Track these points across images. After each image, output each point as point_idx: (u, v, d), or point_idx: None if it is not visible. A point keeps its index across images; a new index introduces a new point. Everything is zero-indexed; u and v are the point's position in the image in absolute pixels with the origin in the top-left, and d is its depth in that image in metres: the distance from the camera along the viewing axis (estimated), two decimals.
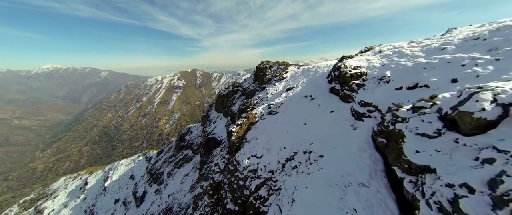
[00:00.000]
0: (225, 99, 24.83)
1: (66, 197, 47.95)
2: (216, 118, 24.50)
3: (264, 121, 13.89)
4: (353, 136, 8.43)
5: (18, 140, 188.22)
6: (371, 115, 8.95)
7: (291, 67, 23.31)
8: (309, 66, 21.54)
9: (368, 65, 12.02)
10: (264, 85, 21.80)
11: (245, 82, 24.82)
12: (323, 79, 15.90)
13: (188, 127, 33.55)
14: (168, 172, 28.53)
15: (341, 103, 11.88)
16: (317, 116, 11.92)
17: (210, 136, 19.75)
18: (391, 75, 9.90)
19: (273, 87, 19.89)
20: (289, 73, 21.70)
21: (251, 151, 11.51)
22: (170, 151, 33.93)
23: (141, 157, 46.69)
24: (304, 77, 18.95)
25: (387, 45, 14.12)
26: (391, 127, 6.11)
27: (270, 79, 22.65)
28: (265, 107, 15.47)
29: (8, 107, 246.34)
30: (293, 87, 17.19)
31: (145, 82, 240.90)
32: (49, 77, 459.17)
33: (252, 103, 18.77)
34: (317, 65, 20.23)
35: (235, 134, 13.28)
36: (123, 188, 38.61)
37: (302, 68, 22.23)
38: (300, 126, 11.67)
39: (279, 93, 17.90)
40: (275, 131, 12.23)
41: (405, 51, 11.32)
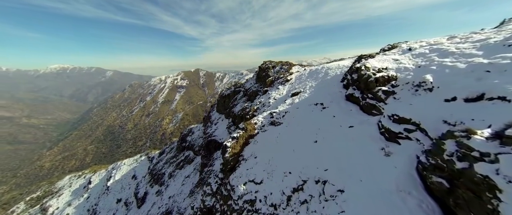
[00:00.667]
0: (226, 100, 24.38)
1: (70, 196, 48.52)
2: (218, 119, 24.10)
3: (265, 134, 11.83)
4: (386, 166, 6.24)
5: (27, 138, 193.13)
6: (411, 135, 6.55)
7: (295, 68, 22.16)
8: (316, 67, 19.48)
9: (397, 66, 9.73)
10: (266, 88, 20.26)
11: (247, 82, 24.28)
12: (336, 83, 13.56)
13: (190, 128, 33.30)
14: (169, 173, 28.30)
15: (363, 116, 9.53)
16: (331, 131, 9.52)
17: (210, 138, 19.34)
18: (435, 81, 7.49)
19: (276, 91, 18.24)
20: (294, 75, 20.02)
21: (248, 174, 9.56)
22: (172, 151, 33.76)
23: (143, 157, 46.80)
24: (312, 80, 16.84)
25: (418, 42, 11.73)
26: (459, 164, 4.09)
27: (273, 81, 21.02)
28: (266, 115, 13.50)
29: (17, 106, 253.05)
30: (300, 92, 15.24)
31: (149, 82, 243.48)
32: (57, 76, 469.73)
33: (252, 109, 17.23)
34: (327, 66, 18.07)
35: (230, 151, 11.14)
36: (125, 188, 38.69)
37: (309, 69, 20.20)
38: (309, 143, 9.38)
39: (283, 99, 16.00)
40: (278, 148, 10.17)
41: (448, 49, 8.87)
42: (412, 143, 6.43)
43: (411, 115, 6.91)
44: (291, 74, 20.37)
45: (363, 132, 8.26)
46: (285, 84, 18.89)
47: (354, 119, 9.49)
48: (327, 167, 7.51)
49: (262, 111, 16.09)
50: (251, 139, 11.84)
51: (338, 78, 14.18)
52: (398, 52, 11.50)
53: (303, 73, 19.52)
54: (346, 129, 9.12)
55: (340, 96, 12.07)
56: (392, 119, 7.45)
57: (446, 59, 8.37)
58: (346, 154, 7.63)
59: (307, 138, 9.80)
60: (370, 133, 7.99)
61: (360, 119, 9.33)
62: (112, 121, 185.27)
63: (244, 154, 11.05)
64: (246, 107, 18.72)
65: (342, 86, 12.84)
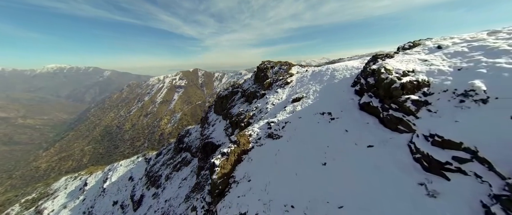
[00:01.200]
0: (224, 100, 23.93)
1: (66, 198, 47.71)
2: (215, 121, 23.65)
3: (261, 149, 9.95)
4: (431, 213, 4.44)
5: (22, 139, 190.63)
6: (465, 168, 4.71)
7: (294, 68, 21.35)
8: (320, 68, 17.72)
9: (428, 69, 7.84)
10: (264, 92, 18.70)
11: (245, 83, 23.80)
12: (346, 88, 11.74)
13: (187, 129, 32.79)
14: (166, 175, 27.79)
15: (384, 132, 7.48)
16: (344, 150, 7.66)
17: (207, 140, 18.89)
18: (489, 89, 5.64)
19: (274, 94, 16.66)
20: (295, 77, 18.47)
21: (239, 205, 7.59)
22: (169, 153, 33.23)
23: (140, 158, 46.17)
24: (315, 83, 15.04)
25: (447, 39, 9.95)
26: None
27: (271, 84, 19.49)
28: (263, 126, 11.71)
29: (13, 106, 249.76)
30: (302, 97, 13.51)
31: (147, 82, 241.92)
32: (54, 76, 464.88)
33: (247, 115, 15.60)
34: (333, 67, 16.26)
35: (219, 171, 9.13)
36: (121, 189, 38.07)
37: (311, 71, 18.43)
38: (316, 165, 7.54)
39: (282, 105, 14.23)
40: (278, 169, 8.22)
41: (497, 46, 7.07)
42: (469, 180, 4.40)
43: (460, 137, 4.89)
44: (291, 76, 19.08)
45: (388, 155, 6.36)
46: (285, 87, 17.42)
47: (374, 136, 7.43)
48: (341, 202, 5.66)
49: (258, 118, 14.51)
50: (244, 155, 10.07)
51: (348, 82, 12.26)
52: (424, 51, 9.70)
53: (305, 75, 18.03)
54: (364, 149, 7.15)
55: (352, 104, 10.05)
56: (430, 140, 5.49)
57: (499, 59, 6.42)
58: (367, 186, 5.74)
59: (313, 158, 7.90)
60: (399, 157, 6.05)
61: (382, 136, 7.27)
62: (110, 121, 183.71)
63: (236, 175, 9.17)
64: (241, 113, 17.29)
65: (354, 92, 10.91)
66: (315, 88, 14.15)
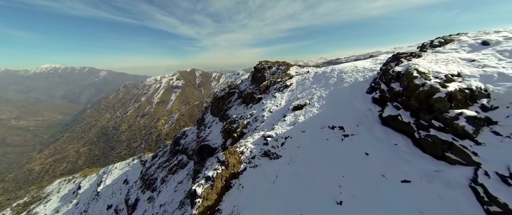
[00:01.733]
0: (221, 102, 23.37)
1: (59, 202, 46.52)
2: (211, 123, 23.09)
3: (255, 172, 7.94)
4: None
5: (16, 141, 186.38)
6: None
7: (293, 68, 20.55)
8: (324, 69, 15.86)
9: (482, 72, 5.93)
10: (260, 96, 17.00)
11: (242, 83, 23.25)
12: (360, 95, 9.78)
13: (184, 131, 32.11)
14: (161, 178, 27.08)
15: (425, 160, 5.39)
16: (367, 184, 5.58)
17: (203, 143, 18.31)
18: None
19: (272, 99, 14.95)
20: (295, 80, 16.78)
21: None
22: (165, 155, 32.50)
23: (136, 160, 45.27)
24: (320, 87, 13.17)
25: (491, 33, 8.16)
26: None
27: (268, 87, 17.69)
28: (258, 140, 9.80)
29: (5, 107, 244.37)
30: (305, 105, 11.66)
31: (144, 82, 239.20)
32: (47, 77, 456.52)
33: (241, 124, 13.75)
34: (339, 68, 14.44)
35: (201, 202, 7.01)
36: (116, 193, 37.16)
37: (314, 72, 16.66)
38: (329, 204, 5.47)
39: (281, 113, 12.34)
40: (276, 205, 6.18)
41: None
42: None
43: None
44: (290, 78, 17.50)
45: (437, 200, 4.26)
46: (284, 91, 15.59)
47: (409, 166, 5.31)
48: None
49: (253, 128, 12.53)
50: (234, 179, 7.98)
51: (362, 87, 10.15)
52: (463, 48, 7.84)
53: (307, 77, 16.24)
54: (397, 185, 5.00)
55: (371, 117, 7.93)
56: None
57: None
58: None
59: (323, 192, 5.82)
60: (456, 204, 3.98)
61: (422, 167, 5.15)
62: (106, 122, 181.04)
63: (223, 208, 6.97)
64: (234, 120, 15.41)
65: (372, 101, 8.81)
66: (320, 94, 12.17)
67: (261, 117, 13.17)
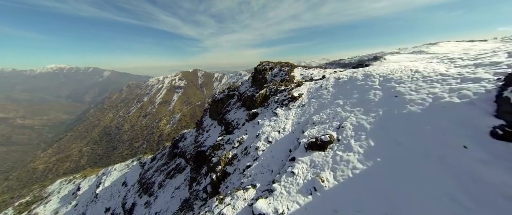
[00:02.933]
0: (220, 104, 22.46)
1: (58, 203, 46.26)
2: (210, 126, 22.21)
3: None
4: None
5: (21, 140, 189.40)
6: None
7: (297, 70, 18.24)
8: (351, 74, 11.29)
9: None
10: (255, 110, 13.21)
11: (242, 85, 22.23)
12: (465, 134, 4.43)
13: (183, 133, 31.33)
14: (159, 183, 26.31)
15: None
16: None
17: (200, 149, 17.43)
18: None
19: (271, 119, 11.10)
20: (305, 88, 12.92)
21: None
22: (163, 158, 31.76)
23: (135, 162, 44.73)
24: (350, 104, 8.62)
25: None
26: None
27: (267, 97, 14.00)
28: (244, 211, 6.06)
29: (11, 106, 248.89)
30: (330, 141, 6.79)
31: (147, 82, 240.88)
32: (53, 77, 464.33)
33: (224, 158, 10.29)
34: (380, 73, 9.51)
35: None
36: (115, 195, 36.60)
37: (334, 79, 12.13)
38: None
39: (285, 150, 8.40)
40: None
41: None
42: None
43: None
44: (298, 86, 13.61)
45: None
46: (290, 105, 11.64)
47: None
48: None
49: (240, 170, 9.01)
50: None
51: (465, 117, 4.81)
52: None
53: (323, 85, 11.97)
54: None
55: None
56: None
57: None
58: None
59: None
60: None
61: None
62: (109, 122, 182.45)
63: None
64: (217, 146, 11.80)
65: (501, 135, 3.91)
66: (355, 119, 7.24)
67: (254, 150, 9.24)
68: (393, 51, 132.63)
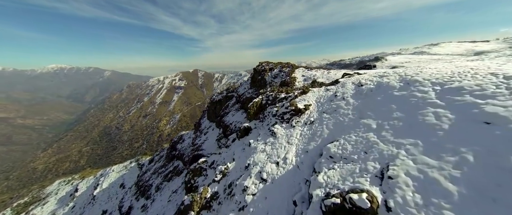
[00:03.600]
0: (218, 106, 21.91)
1: (56, 204, 45.81)
2: (208, 128, 21.67)
3: None
4: None
5: (21, 139, 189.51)
6: None
7: (299, 71, 17.35)
8: (379, 79, 8.46)
9: None
10: (247, 125, 10.82)
11: (240, 86, 21.66)
12: None
13: (181, 135, 30.82)
14: (156, 186, 25.78)
15: None
16: None
17: (197, 153, 16.89)
18: None
19: (267, 141, 8.57)
20: (312, 97, 10.38)
21: None
22: (161, 160, 31.24)
23: (133, 163, 44.28)
24: (388, 126, 5.55)
25: None
26: None
27: (263, 107, 11.68)
28: None
29: (12, 106, 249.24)
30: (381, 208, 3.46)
31: (147, 82, 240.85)
32: (54, 76, 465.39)
33: (198, 199, 7.51)
34: (428, 76, 6.68)
35: None
36: (112, 197, 36.11)
37: (354, 85, 9.23)
38: None
39: (287, 198, 5.60)
40: None
41: None
42: None
43: None
44: (303, 93, 11.01)
45: None
46: (293, 122, 8.85)
47: None
48: None
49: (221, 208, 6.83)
50: None
51: None
52: None
53: (340, 94, 9.15)
54: None
55: None
56: None
57: None
58: None
59: None
60: None
61: None
62: (109, 122, 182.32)
63: None
64: (199, 170, 9.88)
65: None
66: (414, 163, 4.04)
67: (241, 191, 6.65)
68: (394, 52, 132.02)
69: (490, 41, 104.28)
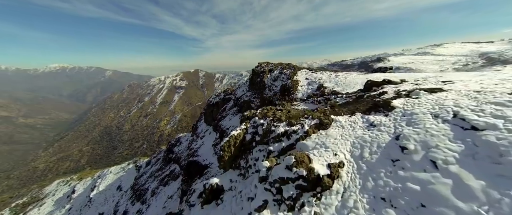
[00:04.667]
0: (215, 109, 21.03)
1: (53, 206, 45.32)
2: (205, 132, 20.85)
3: None
4: None
5: (23, 138, 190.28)
6: None
7: (302, 74, 15.66)
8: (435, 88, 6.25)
9: None
10: (216, 181, 6.41)
11: (239, 88, 20.70)
12: None
13: (178, 137, 30.04)
14: (152, 190, 25.03)
15: None
16: None
17: (192, 159, 16.03)
18: None
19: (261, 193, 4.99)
20: (344, 144, 5.34)
21: None
22: (158, 163, 30.50)
23: (131, 165, 43.63)
24: None
25: None
26: None
27: (248, 147, 7.14)
28: None
29: (14, 105, 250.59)
30: None
31: (148, 82, 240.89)
32: (56, 76, 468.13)
33: None
34: None
35: None
36: (109, 200, 35.46)
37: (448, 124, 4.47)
38: None
39: None
40: None
41: None
42: None
43: None
44: (321, 126, 6.29)
45: None
46: (303, 199, 4.44)
47: None
48: None
49: None
50: None
51: None
52: None
53: (419, 145, 4.35)
54: None
55: None
56: None
57: None
58: None
59: None
60: None
61: None
62: (109, 122, 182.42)
63: None
64: None
65: None
66: None
67: None
68: (396, 52, 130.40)
69: (494, 42, 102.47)
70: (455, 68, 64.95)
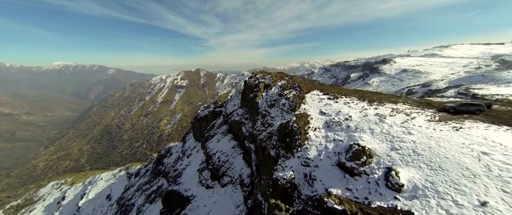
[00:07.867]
0: (204, 123, 18.83)
1: (43, 212, 43.89)
2: (192, 150, 18.71)
3: None
4: None
5: (25, 136, 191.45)
6: None
7: (312, 101, 10.67)
8: None
9: None
10: None
11: (230, 101, 18.17)
12: None
13: (169, 147, 27.99)
14: (138, 207, 23.01)
15: None
16: None
17: (171, 189, 13.81)
18: None
19: None
20: None
21: None
22: (147, 175, 28.50)
23: (122, 171, 41.86)
24: None
25: None
26: None
27: None
28: None
29: (17, 102, 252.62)
30: None
31: (150, 81, 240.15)
32: (59, 74, 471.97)
33: None
34: None
35: None
36: (97, 210, 33.69)
37: None
38: None
39: None
40: None
41: None
42: None
43: None
44: None
45: None
46: None
47: None
48: None
49: None
50: None
51: None
52: None
53: None
54: None
55: None
56: None
57: None
58: None
59: None
60: None
61: None
62: (110, 121, 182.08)
63: None
64: None
65: None
66: None
67: None
68: (402, 54, 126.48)
69: (505, 44, 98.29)
70: (467, 71, 61.65)
